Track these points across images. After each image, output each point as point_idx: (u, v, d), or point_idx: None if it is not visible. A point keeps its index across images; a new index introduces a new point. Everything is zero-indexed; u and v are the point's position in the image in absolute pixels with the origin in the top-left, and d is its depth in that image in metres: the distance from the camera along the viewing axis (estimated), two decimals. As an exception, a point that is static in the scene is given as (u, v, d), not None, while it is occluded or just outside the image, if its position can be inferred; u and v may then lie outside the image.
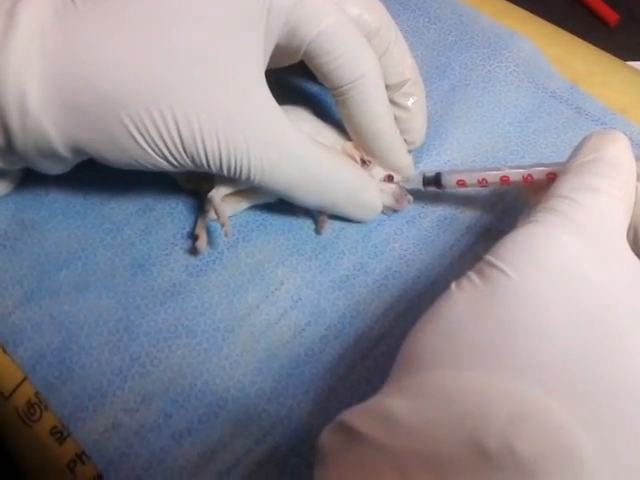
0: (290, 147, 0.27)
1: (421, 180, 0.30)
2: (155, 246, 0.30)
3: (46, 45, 0.23)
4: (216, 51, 0.25)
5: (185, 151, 0.25)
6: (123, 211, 0.31)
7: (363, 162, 0.30)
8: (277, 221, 0.31)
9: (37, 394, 0.27)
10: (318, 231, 0.30)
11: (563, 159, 0.32)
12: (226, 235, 0.28)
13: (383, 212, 0.31)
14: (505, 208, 0.31)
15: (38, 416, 0.27)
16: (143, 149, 0.25)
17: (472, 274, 0.21)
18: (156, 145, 0.25)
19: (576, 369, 0.18)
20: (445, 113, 0.34)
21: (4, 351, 0.28)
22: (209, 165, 0.26)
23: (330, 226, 0.31)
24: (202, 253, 0.29)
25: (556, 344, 0.18)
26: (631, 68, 0.38)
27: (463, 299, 0.20)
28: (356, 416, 0.19)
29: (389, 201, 0.30)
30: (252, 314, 0.28)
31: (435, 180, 0.30)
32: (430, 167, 0.32)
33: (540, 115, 0.34)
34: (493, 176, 0.28)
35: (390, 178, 0.30)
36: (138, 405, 0.26)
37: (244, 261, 0.30)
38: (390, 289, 0.29)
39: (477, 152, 0.33)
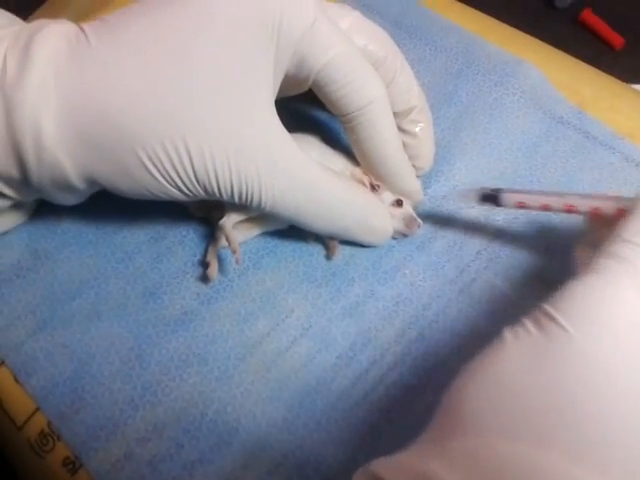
0: (301, 174, 0.27)
1: (477, 196, 0.29)
2: (166, 274, 0.31)
3: (61, 81, 0.24)
4: (227, 82, 0.25)
5: (197, 181, 0.25)
6: (135, 240, 0.32)
7: (372, 187, 0.30)
8: (287, 248, 0.31)
9: (50, 424, 0.27)
10: (329, 256, 0.31)
11: (572, 183, 0.33)
12: (237, 262, 0.28)
13: (393, 237, 0.31)
14: (515, 234, 0.31)
15: (50, 447, 0.27)
16: (157, 180, 0.25)
17: (529, 324, 0.20)
18: (169, 176, 0.25)
19: (637, 454, 0.17)
20: (453, 139, 0.34)
21: (16, 381, 0.28)
22: (221, 193, 0.26)
23: (340, 252, 0.31)
24: (213, 281, 0.29)
25: (619, 424, 0.17)
26: (637, 92, 0.38)
27: (517, 353, 0.19)
28: (393, 472, 0.18)
29: (399, 226, 0.31)
30: (263, 342, 0.28)
31: (493, 197, 0.28)
32: (438, 192, 0.32)
33: (548, 140, 0.34)
34: (558, 203, 0.27)
35: (399, 202, 0.31)
36: (150, 434, 0.26)
37: (254, 288, 0.30)
38: (401, 315, 0.29)
39: (485, 177, 0.33)
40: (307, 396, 0.27)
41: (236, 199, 0.26)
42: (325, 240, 0.31)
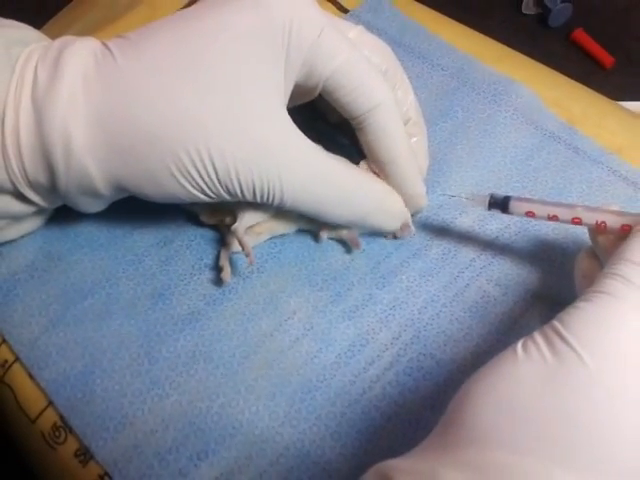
0: (319, 167, 0.28)
1: (487, 201, 0.30)
2: (174, 276, 0.32)
3: (89, 93, 0.26)
4: (244, 90, 0.27)
5: (220, 184, 0.27)
6: (144, 243, 0.33)
7: None
8: (290, 253, 0.33)
9: (62, 418, 0.28)
10: (352, 249, 0.32)
11: (562, 196, 0.34)
12: (251, 263, 0.30)
13: (384, 236, 0.33)
14: (506, 243, 0.33)
15: (63, 439, 0.28)
16: (182, 185, 0.27)
17: (541, 342, 0.21)
18: (194, 180, 0.27)
19: None
20: (449, 152, 0.36)
21: (30, 377, 0.29)
22: (243, 194, 0.27)
23: (339, 258, 0.32)
24: (227, 284, 0.31)
25: (630, 449, 0.18)
26: (624, 110, 0.40)
27: (531, 375, 0.20)
28: (406, 476, 0.19)
29: None
30: (266, 341, 0.30)
31: (502, 204, 0.30)
32: (435, 202, 0.34)
33: (540, 154, 0.36)
34: (565, 214, 0.28)
35: None
36: (157, 427, 0.27)
37: (258, 291, 0.32)
38: (397, 319, 0.30)
39: (480, 189, 0.35)
40: (308, 392, 0.28)
41: (258, 198, 0.28)
42: (344, 236, 0.32)
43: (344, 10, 0.44)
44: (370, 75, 0.29)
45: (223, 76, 0.26)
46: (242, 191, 0.27)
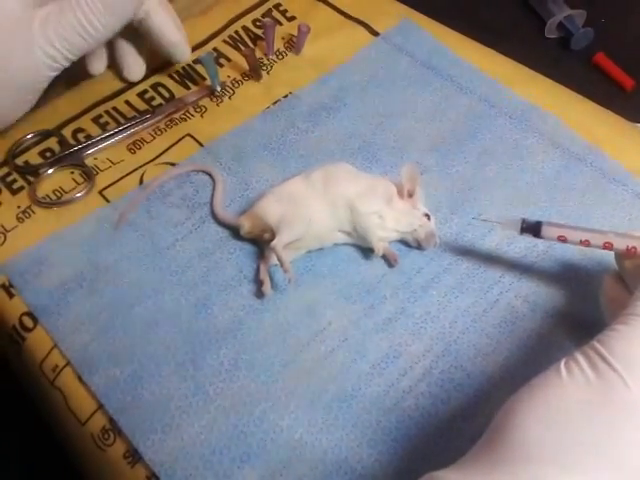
0: None
1: (519, 226, 0.31)
2: (215, 287, 0.34)
3: None
4: None
5: None
6: (186, 255, 0.35)
7: (409, 195, 0.34)
8: (325, 268, 0.34)
9: (111, 421, 0.30)
10: (392, 265, 0.34)
11: (588, 216, 0.36)
12: (290, 281, 0.31)
13: (410, 244, 0.34)
14: (533, 261, 0.34)
15: (112, 441, 0.29)
16: None
17: (583, 363, 0.21)
18: None
19: None
20: (478, 172, 0.38)
21: (81, 381, 0.31)
22: None
23: (373, 272, 0.34)
24: (268, 296, 0.32)
25: None
26: (646, 133, 0.41)
27: (577, 395, 0.20)
28: None
29: (420, 235, 0.34)
30: (304, 351, 0.31)
31: (534, 229, 0.30)
32: (465, 220, 0.35)
33: (566, 175, 0.37)
34: (597, 239, 0.29)
35: (428, 216, 0.34)
36: (202, 429, 0.29)
37: (295, 303, 0.33)
38: (429, 332, 0.32)
39: (508, 208, 0.36)
40: (344, 401, 0.29)
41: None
42: (385, 252, 0.34)
43: (375, 33, 0.46)
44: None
45: None
46: None
